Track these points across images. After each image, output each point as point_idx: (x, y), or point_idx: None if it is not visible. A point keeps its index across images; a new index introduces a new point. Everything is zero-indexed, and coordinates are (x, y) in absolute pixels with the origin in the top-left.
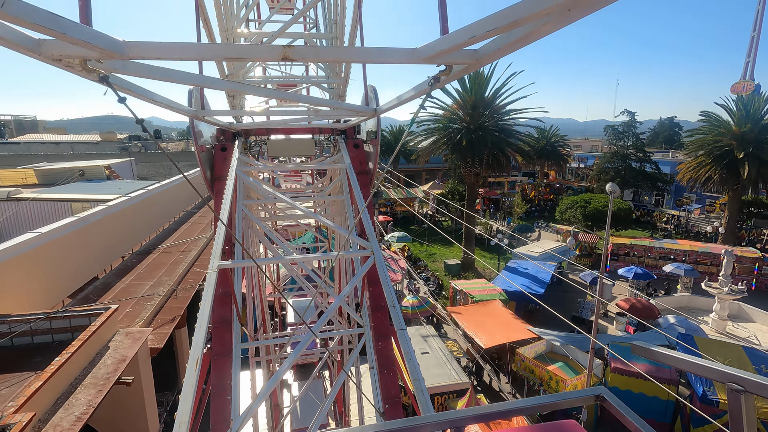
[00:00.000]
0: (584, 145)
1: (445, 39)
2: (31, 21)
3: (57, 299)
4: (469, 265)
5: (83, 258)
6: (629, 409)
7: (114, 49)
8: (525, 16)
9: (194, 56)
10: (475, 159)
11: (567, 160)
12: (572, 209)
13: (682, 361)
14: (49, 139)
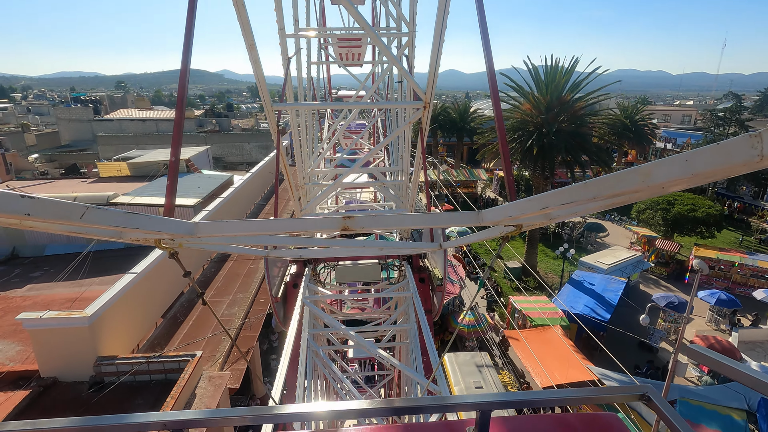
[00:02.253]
0: (674, 115)
1: (514, 206)
2: (108, 224)
3: (151, 323)
4: (532, 268)
5: (172, 279)
6: (675, 412)
7: (184, 232)
8: (611, 193)
9: (258, 236)
10: (545, 166)
11: (652, 140)
12: (652, 210)
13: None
14: (136, 116)
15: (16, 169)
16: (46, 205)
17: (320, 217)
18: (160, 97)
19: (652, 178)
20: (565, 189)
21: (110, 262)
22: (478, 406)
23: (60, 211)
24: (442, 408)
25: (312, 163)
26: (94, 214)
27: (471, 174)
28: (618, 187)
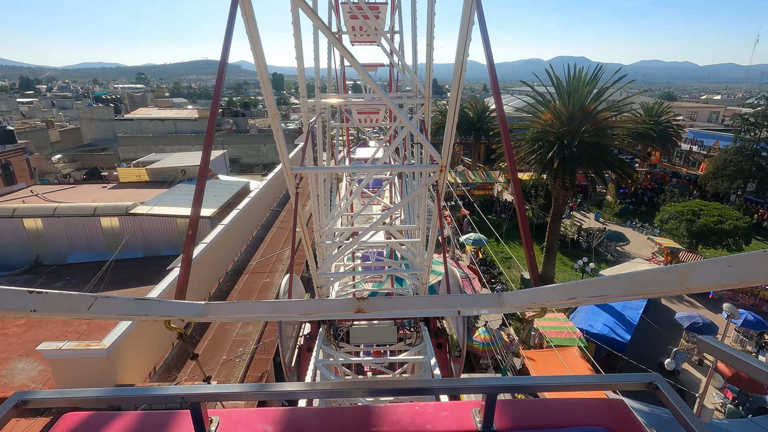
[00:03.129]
0: (701, 112)
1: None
2: (117, 314)
3: (166, 345)
4: (549, 280)
5: (190, 298)
6: (683, 402)
7: (194, 315)
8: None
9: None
10: (566, 179)
11: (677, 142)
12: (676, 220)
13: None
14: (155, 115)
15: (39, 172)
16: (52, 299)
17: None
18: (179, 89)
19: (689, 282)
20: (595, 282)
21: (130, 272)
22: (485, 389)
23: (67, 303)
24: (450, 390)
25: (329, 222)
26: (101, 305)
27: (488, 176)
28: (651, 287)
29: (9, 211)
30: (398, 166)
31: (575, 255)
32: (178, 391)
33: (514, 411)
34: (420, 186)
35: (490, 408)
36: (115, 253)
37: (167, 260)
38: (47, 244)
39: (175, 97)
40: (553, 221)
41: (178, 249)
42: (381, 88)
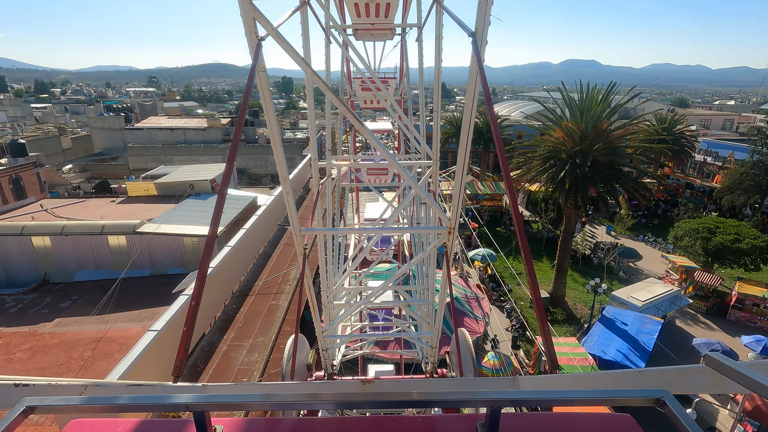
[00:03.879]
0: (715, 120)
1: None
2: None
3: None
4: (559, 300)
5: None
6: (692, 420)
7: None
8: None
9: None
10: (578, 199)
11: (691, 153)
12: (690, 237)
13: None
14: (165, 124)
15: (50, 184)
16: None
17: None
18: (189, 92)
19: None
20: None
21: (136, 292)
22: (489, 402)
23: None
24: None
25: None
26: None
27: (497, 187)
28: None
29: (18, 228)
30: (406, 228)
31: (586, 271)
32: (182, 400)
33: (519, 424)
34: (428, 248)
35: (494, 421)
36: (123, 272)
37: (173, 279)
38: (55, 261)
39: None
40: (564, 239)
41: (185, 267)
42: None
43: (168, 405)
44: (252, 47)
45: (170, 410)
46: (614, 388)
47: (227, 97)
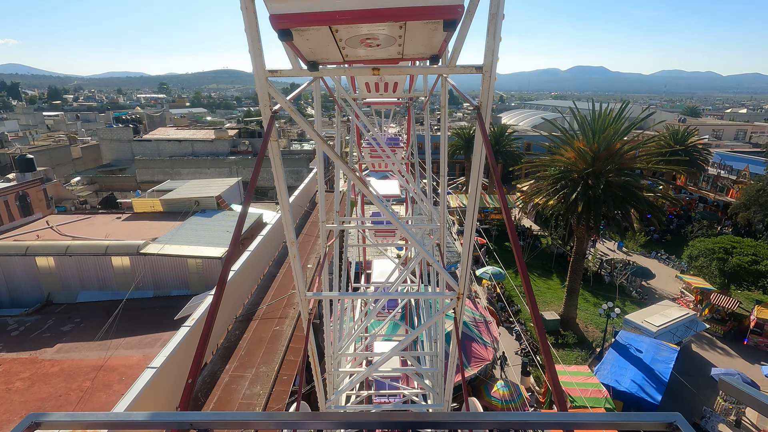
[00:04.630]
0: (727, 131)
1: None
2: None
3: (177, 399)
4: (570, 322)
5: None
6: None
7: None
8: None
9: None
10: (590, 220)
11: (704, 166)
12: (706, 257)
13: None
14: (173, 135)
15: (57, 198)
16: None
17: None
18: (199, 99)
19: None
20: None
21: (139, 315)
22: (496, 424)
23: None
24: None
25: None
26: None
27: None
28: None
29: (22, 249)
30: (414, 294)
31: (598, 291)
32: (186, 418)
33: None
34: (436, 315)
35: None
36: (126, 294)
37: (177, 300)
38: (59, 282)
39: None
40: (576, 260)
41: (188, 289)
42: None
43: (173, 423)
44: (266, 119)
45: (175, 428)
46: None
47: (236, 104)
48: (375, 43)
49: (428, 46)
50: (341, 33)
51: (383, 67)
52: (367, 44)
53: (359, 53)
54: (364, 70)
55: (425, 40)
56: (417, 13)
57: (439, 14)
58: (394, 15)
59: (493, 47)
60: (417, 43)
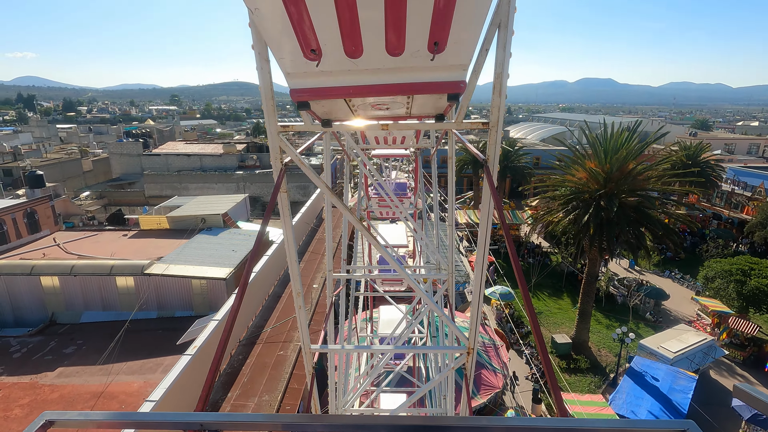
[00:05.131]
0: (740, 145)
1: None
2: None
3: None
4: (583, 346)
5: (202, 377)
6: None
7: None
8: None
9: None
10: (603, 242)
11: (717, 183)
12: (723, 279)
13: None
14: (182, 150)
15: (66, 213)
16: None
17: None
18: (209, 110)
19: None
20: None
21: (142, 337)
22: (504, 429)
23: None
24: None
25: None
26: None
27: (514, 216)
28: None
29: (27, 268)
30: (421, 348)
31: (610, 312)
32: (197, 419)
33: None
34: (445, 370)
35: None
36: (130, 315)
37: (180, 322)
38: (63, 302)
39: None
40: (588, 282)
41: (192, 310)
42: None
43: (183, 423)
44: (276, 171)
45: (185, 428)
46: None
47: (245, 116)
48: (384, 107)
49: (434, 108)
50: (354, 100)
51: (392, 124)
52: (377, 108)
53: (369, 113)
54: (374, 125)
55: (431, 104)
56: (423, 88)
57: (443, 89)
58: (402, 90)
59: (499, 104)
60: (424, 107)
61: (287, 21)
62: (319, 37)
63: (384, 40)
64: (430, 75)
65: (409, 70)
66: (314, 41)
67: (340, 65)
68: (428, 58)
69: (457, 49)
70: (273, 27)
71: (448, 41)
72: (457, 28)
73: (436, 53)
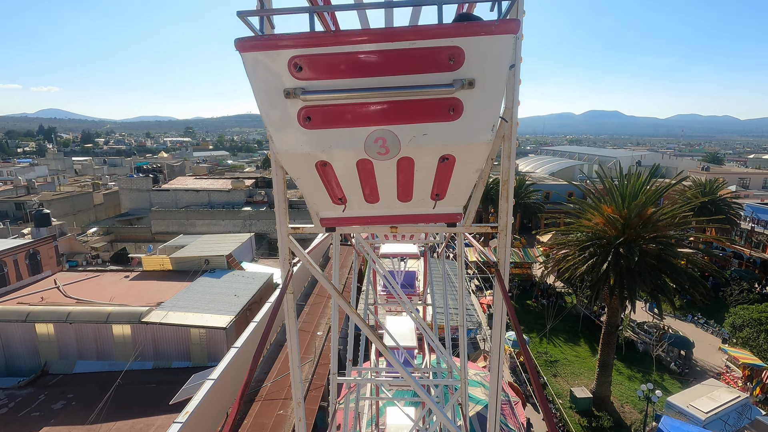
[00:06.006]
0: (754, 180)
1: None
2: None
3: None
4: (604, 401)
5: None
6: None
7: None
8: None
9: None
10: (624, 294)
11: (736, 221)
12: (752, 328)
13: None
14: (191, 185)
15: (70, 252)
16: None
17: None
18: (222, 142)
19: None
20: None
21: (136, 392)
22: None
23: None
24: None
25: None
26: None
27: (525, 254)
28: None
29: (23, 314)
30: None
31: (631, 361)
32: None
33: None
34: None
35: None
36: (125, 366)
37: (177, 374)
38: (57, 350)
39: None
40: (608, 333)
41: (190, 361)
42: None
43: None
44: (284, 272)
45: None
46: None
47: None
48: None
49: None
50: None
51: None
52: None
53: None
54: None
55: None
56: (427, 219)
57: (443, 220)
58: (410, 220)
59: (507, 209)
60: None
61: (321, 185)
62: (346, 193)
63: (396, 194)
64: (433, 211)
65: (415, 209)
66: (342, 195)
67: (360, 208)
68: (431, 205)
69: (455, 197)
70: (309, 186)
71: (446, 193)
72: (454, 186)
73: (437, 201)
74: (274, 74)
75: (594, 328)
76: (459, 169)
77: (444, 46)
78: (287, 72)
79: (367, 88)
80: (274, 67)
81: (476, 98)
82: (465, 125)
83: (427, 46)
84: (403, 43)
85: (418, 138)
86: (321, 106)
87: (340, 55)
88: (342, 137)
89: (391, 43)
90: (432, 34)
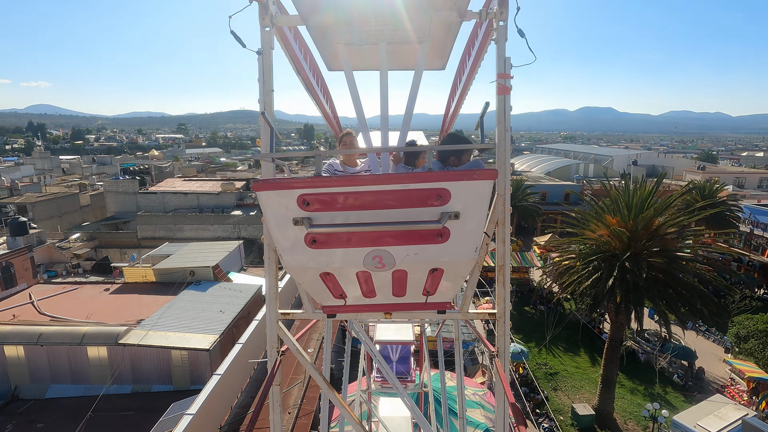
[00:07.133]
0: (750, 179)
1: None
2: None
3: None
4: (607, 418)
5: None
6: None
7: None
8: None
9: None
10: (629, 311)
11: (736, 224)
12: (758, 340)
13: None
14: (179, 187)
15: (50, 261)
16: None
17: None
18: (215, 139)
19: None
20: None
21: (111, 420)
22: None
23: None
24: None
25: None
26: None
27: (523, 258)
28: None
29: None
30: None
31: (633, 372)
32: None
33: None
34: None
35: None
36: (102, 390)
37: (156, 399)
38: (27, 373)
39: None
40: (611, 347)
41: (171, 384)
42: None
43: None
44: (271, 361)
45: None
46: None
47: (250, 144)
48: None
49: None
50: None
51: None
52: None
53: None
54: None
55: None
56: (420, 308)
57: (434, 308)
58: (404, 308)
59: (505, 295)
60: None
61: (324, 287)
62: (346, 292)
63: (391, 291)
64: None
65: (408, 300)
66: (342, 293)
67: (359, 302)
68: (423, 300)
69: (445, 294)
70: (312, 288)
71: (437, 291)
72: (443, 287)
73: (428, 296)
74: (285, 207)
75: (594, 336)
76: (447, 277)
77: (434, 188)
78: (296, 206)
79: (365, 223)
80: (285, 203)
81: (461, 226)
82: (452, 247)
83: (419, 188)
84: (399, 185)
85: (410, 256)
86: (325, 232)
87: (343, 193)
88: (344, 255)
89: (389, 185)
90: (424, 179)
